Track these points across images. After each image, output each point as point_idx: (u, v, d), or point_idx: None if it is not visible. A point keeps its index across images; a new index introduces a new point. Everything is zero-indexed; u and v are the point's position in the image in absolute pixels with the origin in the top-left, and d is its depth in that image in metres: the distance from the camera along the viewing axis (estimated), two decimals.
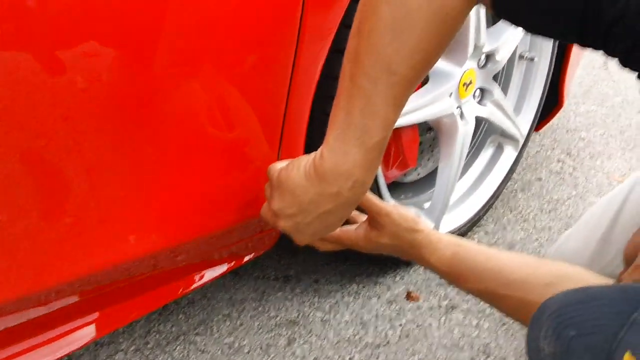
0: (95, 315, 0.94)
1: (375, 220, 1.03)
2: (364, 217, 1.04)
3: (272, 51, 0.92)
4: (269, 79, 0.94)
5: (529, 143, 2.21)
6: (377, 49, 0.72)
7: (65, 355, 0.93)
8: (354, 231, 1.07)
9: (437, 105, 1.31)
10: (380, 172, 1.24)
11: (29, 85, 0.70)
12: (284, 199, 0.86)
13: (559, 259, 1.03)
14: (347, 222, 1.09)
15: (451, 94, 1.35)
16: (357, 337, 1.24)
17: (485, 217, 1.69)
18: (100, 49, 0.75)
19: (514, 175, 1.95)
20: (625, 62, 0.67)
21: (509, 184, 1.90)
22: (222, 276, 1.40)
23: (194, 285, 1.07)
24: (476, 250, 1.03)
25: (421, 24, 0.70)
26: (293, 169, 0.85)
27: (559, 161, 2.05)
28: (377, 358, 1.19)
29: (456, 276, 1.04)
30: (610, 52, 0.68)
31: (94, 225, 0.83)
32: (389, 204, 1.04)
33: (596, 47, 0.70)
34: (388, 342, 1.23)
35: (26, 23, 0.68)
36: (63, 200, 0.79)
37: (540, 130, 1.94)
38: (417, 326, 1.28)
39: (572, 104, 2.40)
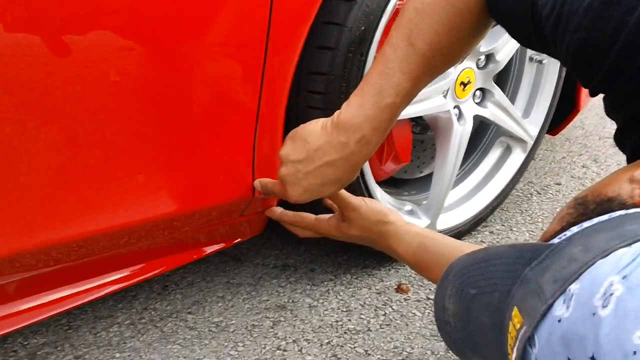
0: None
1: (344, 213, 1.09)
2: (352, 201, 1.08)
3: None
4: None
5: (557, 148, 2.19)
6: (402, 24, 0.85)
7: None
8: (327, 220, 1.13)
9: (429, 103, 1.34)
10: (368, 169, 1.28)
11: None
12: (295, 144, 0.96)
13: None
14: (328, 210, 1.15)
15: (446, 92, 1.38)
16: (339, 323, 1.29)
17: (493, 217, 1.70)
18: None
19: (533, 178, 1.95)
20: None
21: (526, 186, 1.90)
22: (223, 261, 1.48)
23: (175, 264, 1.15)
24: (442, 243, 1.07)
25: (436, 8, 0.82)
26: (312, 122, 0.96)
27: (583, 167, 2.02)
28: (355, 343, 1.23)
29: (421, 266, 1.08)
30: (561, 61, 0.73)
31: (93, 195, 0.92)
32: (358, 198, 1.08)
33: (554, 56, 0.76)
34: (369, 329, 1.27)
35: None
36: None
37: (560, 135, 1.92)
38: (401, 316, 1.31)
39: None
